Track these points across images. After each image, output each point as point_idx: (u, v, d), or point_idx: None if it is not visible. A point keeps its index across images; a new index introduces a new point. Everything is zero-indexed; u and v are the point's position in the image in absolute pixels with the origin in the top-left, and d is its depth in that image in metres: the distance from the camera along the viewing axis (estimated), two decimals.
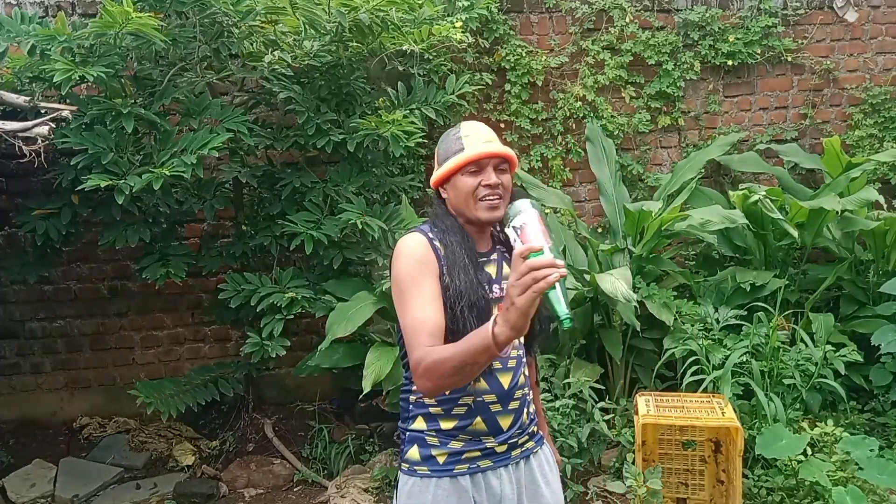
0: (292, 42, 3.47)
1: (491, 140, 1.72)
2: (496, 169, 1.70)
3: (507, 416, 1.74)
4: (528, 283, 1.31)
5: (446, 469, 1.70)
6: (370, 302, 3.44)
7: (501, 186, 1.69)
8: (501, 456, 1.74)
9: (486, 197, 1.68)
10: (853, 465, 2.92)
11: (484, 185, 1.67)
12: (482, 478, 1.72)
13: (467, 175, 1.69)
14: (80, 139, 3.07)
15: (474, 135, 1.72)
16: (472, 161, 1.68)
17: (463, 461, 1.71)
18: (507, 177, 1.72)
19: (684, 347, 3.47)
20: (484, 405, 1.70)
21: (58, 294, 4.20)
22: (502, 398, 1.72)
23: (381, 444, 3.80)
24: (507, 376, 1.73)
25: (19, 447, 4.02)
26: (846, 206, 3.81)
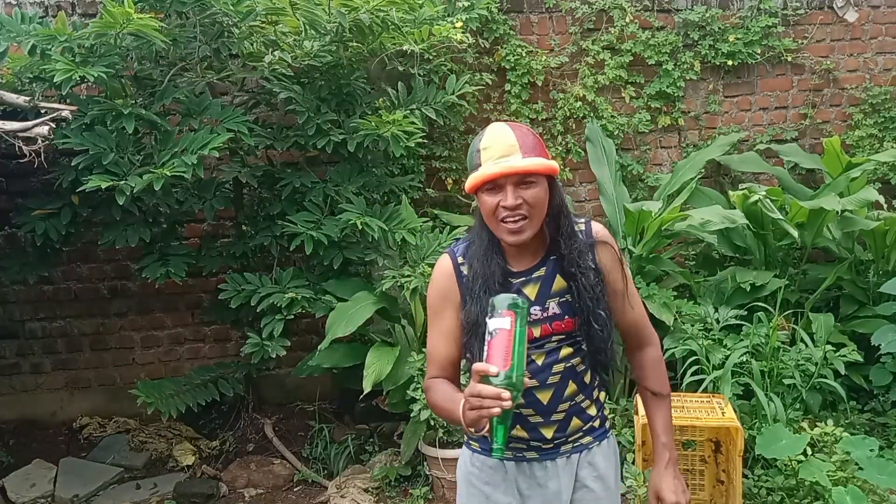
0: (292, 42, 3.47)
1: (508, 154, 1.54)
2: (519, 185, 1.54)
3: (550, 426, 1.69)
4: (474, 404, 1.40)
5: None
6: (370, 302, 3.44)
7: (526, 205, 1.54)
8: (548, 450, 1.71)
9: (506, 219, 1.55)
10: (853, 465, 2.91)
11: (502, 206, 1.54)
12: (528, 466, 1.73)
13: (486, 194, 1.57)
14: (80, 139, 3.07)
15: (492, 147, 1.56)
16: (486, 182, 1.56)
17: (510, 449, 1.71)
18: (532, 191, 1.55)
19: (684, 347, 3.47)
20: (522, 417, 1.69)
21: (58, 294, 4.20)
22: (543, 413, 1.68)
23: (381, 444, 3.80)
24: (546, 393, 1.67)
25: (19, 447, 4.01)
26: (846, 206, 3.80)
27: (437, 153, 4.31)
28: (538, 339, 1.65)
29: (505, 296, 1.48)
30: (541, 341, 1.65)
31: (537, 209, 1.57)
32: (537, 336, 1.65)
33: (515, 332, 1.43)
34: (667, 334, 3.63)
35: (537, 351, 1.66)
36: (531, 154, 1.55)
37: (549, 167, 1.57)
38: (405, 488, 3.47)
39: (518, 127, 1.61)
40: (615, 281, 1.71)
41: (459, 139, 4.37)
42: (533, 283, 1.66)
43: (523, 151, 1.54)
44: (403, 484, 3.51)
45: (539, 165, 1.55)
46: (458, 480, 1.84)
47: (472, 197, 4.27)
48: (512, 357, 1.41)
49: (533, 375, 1.64)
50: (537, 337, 1.65)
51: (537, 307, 1.65)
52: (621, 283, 1.72)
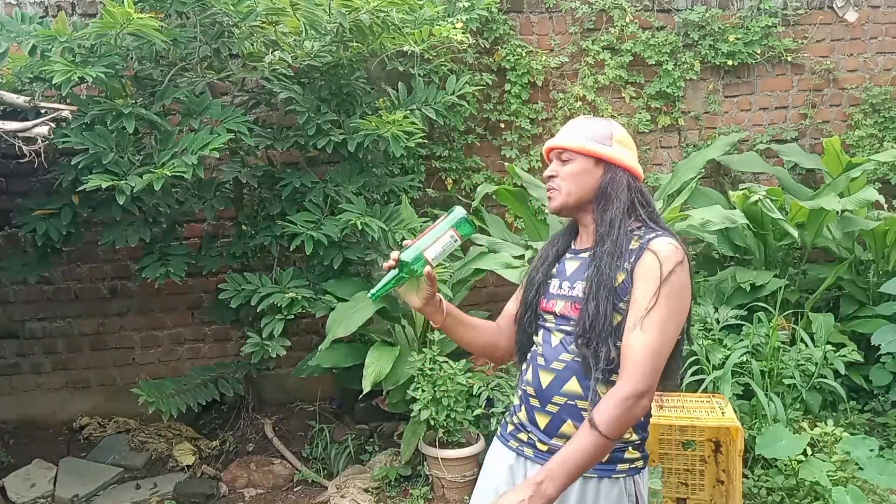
0: (293, 42, 3.47)
1: (563, 133, 1.74)
2: (558, 160, 1.72)
3: (544, 415, 1.68)
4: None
5: (506, 438, 1.80)
6: (370, 302, 3.44)
7: (559, 177, 1.71)
8: (542, 454, 1.67)
9: (548, 189, 1.74)
10: (853, 465, 2.92)
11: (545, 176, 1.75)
12: (524, 462, 1.74)
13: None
14: (80, 139, 3.06)
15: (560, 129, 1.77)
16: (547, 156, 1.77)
17: (516, 439, 1.76)
18: (567, 168, 1.70)
19: (684, 347, 3.47)
20: (527, 396, 1.74)
21: (58, 294, 4.20)
22: (540, 395, 1.69)
23: (381, 444, 3.80)
24: (548, 375, 1.67)
25: (19, 447, 4.01)
26: (846, 206, 3.81)
27: (438, 153, 4.31)
28: (559, 316, 1.70)
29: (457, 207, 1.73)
30: (561, 321, 1.70)
31: (568, 183, 1.69)
32: (558, 312, 1.70)
33: (436, 227, 1.69)
34: None
35: (556, 331, 1.70)
36: (577, 137, 1.70)
37: (583, 147, 1.68)
38: (405, 488, 3.47)
39: (592, 118, 1.77)
40: (640, 293, 1.56)
41: (459, 139, 4.37)
42: (576, 260, 1.74)
43: (569, 133, 1.72)
44: (403, 484, 3.51)
45: (571, 144, 1.69)
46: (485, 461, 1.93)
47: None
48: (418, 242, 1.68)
49: (544, 354, 1.71)
50: (558, 313, 1.70)
51: (567, 283, 1.71)
52: (646, 299, 1.54)
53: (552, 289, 1.74)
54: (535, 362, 1.72)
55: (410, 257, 1.66)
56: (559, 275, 1.75)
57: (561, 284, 1.72)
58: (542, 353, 1.71)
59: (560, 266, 1.76)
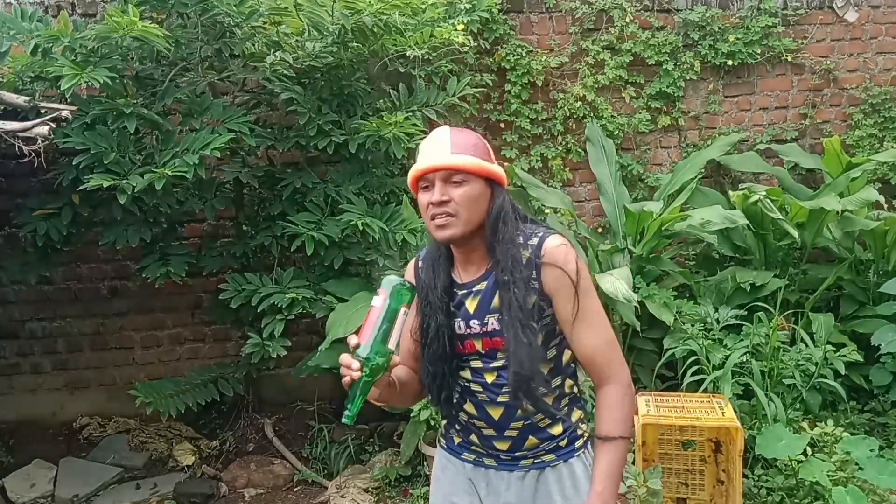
0: (294, 43, 3.47)
1: (437, 150, 1.53)
2: (447, 182, 1.52)
3: (503, 440, 1.67)
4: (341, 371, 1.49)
5: (457, 451, 1.76)
6: (370, 302, 3.43)
7: (453, 202, 1.51)
8: (507, 462, 1.68)
9: (434, 216, 1.53)
10: (853, 465, 2.92)
11: (429, 202, 1.53)
12: (485, 473, 1.72)
13: (421, 192, 1.58)
14: (81, 139, 3.07)
15: (428, 149, 1.56)
16: (418, 177, 1.56)
17: (471, 451, 1.73)
18: (462, 190, 1.52)
19: (684, 347, 3.47)
20: (476, 427, 1.69)
21: (58, 294, 4.20)
22: (494, 426, 1.66)
23: (381, 444, 3.80)
24: (496, 410, 1.64)
25: (19, 447, 4.01)
26: (846, 206, 3.81)
27: None
28: (483, 353, 1.63)
29: (390, 277, 1.56)
30: (486, 358, 1.63)
31: (465, 208, 1.52)
32: (481, 349, 1.63)
33: (384, 310, 1.50)
34: (667, 334, 3.63)
35: (487, 369, 1.63)
36: (463, 152, 1.53)
37: (479, 167, 1.53)
38: (405, 488, 3.47)
39: (460, 130, 1.59)
40: (562, 307, 1.57)
41: None
42: (473, 296, 1.62)
43: (453, 150, 1.53)
44: (403, 484, 3.51)
45: (465, 163, 1.52)
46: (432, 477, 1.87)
47: None
48: (372, 332, 1.49)
49: (484, 391, 1.64)
50: (482, 351, 1.63)
51: (476, 321, 1.61)
52: (572, 306, 1.55)
53: (459, 329, 1.62)
54: (476, 399, 1.65)
55: (375, 355, 1.48)
56: (461, 315, 1.62)
57: (469, 324, 1.61)
58: (480, 391, 1.64)
59: (456, 304, 1.62)
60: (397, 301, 1.52)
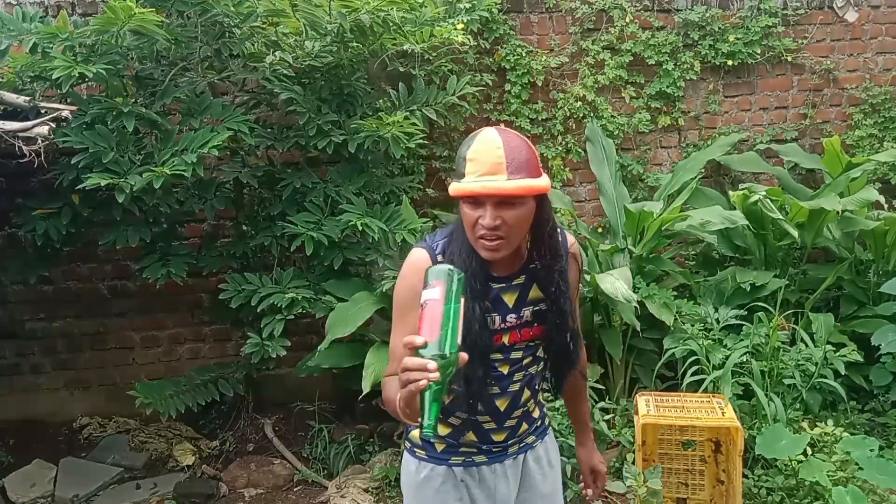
0: (293, 43, 3.47)
1: (495, 172, 1.44)
2: (500, 205, 1.46)
3: (501, 432, 1.73)
4: (403, 380, 1.29)
5: (442, 458, 1.75)
6: (370, 302, 3.44)
7: (505, 225, 1.47)
8: (497, 454, 1.76)
9: (483, 237, 1.49)
10: (853, 465, 2.92)
11: (480, 223, 1.48)
12: (476, 471, 1.75)
13: (467, 206, 1.50)
14: (80, 138, 3.07)
15: (479, 160, 1.46)
16: (466, 196, 1.49)
17: (459, 454, 1.74)
18: (515, 212, 1.47)
19: (684, 347, 3.47)
20: (477, 423, 1.71)
21: (58, 294, 4.20)
22: (497, 419, 1.71)
23: (381, 444, 3.80)
24: (504, 400, 1.69)
25: (19, 447, 4.01)
26: (846, 206, 3.81)
27: (438, 153, 4.31)
28: (507, 346, 1.65)
29: (439, 266, 1.40)
30: (508, 350, 1.65)
31: (516, 230, 1.50)
32: (506, 343, 1.64)
33: (446, 303, 1.34)
34: (667, 334, 3.63)
35: (504, 360, 1.66)
36: (519, 174, 1.45)
37: (535, 188, 1.48)
38: None
39: (511, 139, 1.49)
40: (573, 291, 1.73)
41: (459, 139, 4.35)
42: (512, 290, 1.63)
43: (510, 171, 1.45)
44: None
45: (524, 188, 1.46)
46: (405, 490, 1.80)
47: None
48: (441, 327, 1.31)
49: (496, 383, 1.65)
50: (506, 344, 1.64)
51: (513, 315, 1.63)
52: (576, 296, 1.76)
53: (491, 325, 1.61)
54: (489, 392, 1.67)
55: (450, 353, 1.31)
56: (496, 310, 1.61)
57: (505, 318, 1.62)
58: (492, 384, 1.66)
59: (493, 298, 1.61)
60: (459, 290, 1.36)
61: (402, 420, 1.45)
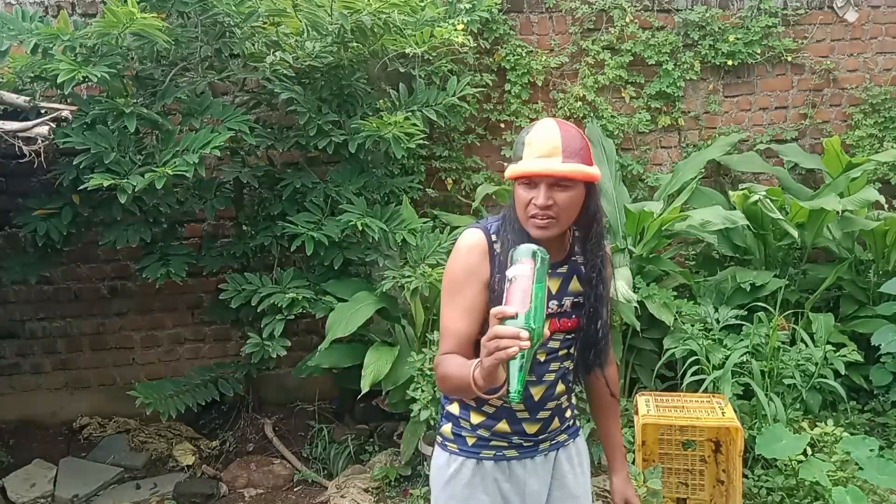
0: (294, 43, 3.47)
1: (550, 154, 1.54)
2: (554, 186, 1.55)
3: (534, 423, 1.74)
4: (491, 348, 1.33)
5: (473, 451, 1.75)
6: (370, 302, 3.44)
7: (556, 206, 1.56)
8: (528, 449, 1.76)
9: (535, 216, 1.57)
10: (853, 465, 2.92)
11: (534, 203, 1.57)
12: (507, 465, 1.75)
13: (522, 187, 1.59)
14: (81, 138, 3.07)
15: (536, 143, 1.56)
16: (523, 176, 1.58)
17: (490, 447, 1.75)
18: (566, 195, 1.56)
19: (684, 347, 3.47)
20: (510, 412, 1.72)
21: (58, 294, 4.20)
22: (531, 408, 1.72)
23: (381, 444, 3.80)
24: (539, 388, 1.71)
25: (19, 447, 4.01)
26: (846, 206, 3.81)
27: (438, 153, 4.31)
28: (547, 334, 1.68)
29: (526, 245, 1.45)
30: (547, 339, 1.67)
31: (566, 212, 1.59)
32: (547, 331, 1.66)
33: (535, 276, 1.39)
34: (667, 334, 3.63)
35: (542, 347, 1.68)
36: (573, 159, 1.55)
37: (587, 174, 1.57)
38: (405, 488, 3.47)
39: (568, 128, 1.59)
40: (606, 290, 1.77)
41: (459, 139, 4.37)
42: (556, 277, 1.69)
43: (565, 155, 1.55)
44: (403, 484, 3.51)
45: (577, 172, 1.55)
46: (433, 484, 1.81)
47: (471, 197, 4.29)
48: (531, 300, 1.36)
49: (533, 370, 1.66)
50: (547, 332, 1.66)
51: (555, 301, 1.68)
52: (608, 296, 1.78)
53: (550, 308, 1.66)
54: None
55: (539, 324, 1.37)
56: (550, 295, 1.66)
57: (548, 304, 1.61)
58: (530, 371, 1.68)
59: None
60: (544, 269, 1.42)
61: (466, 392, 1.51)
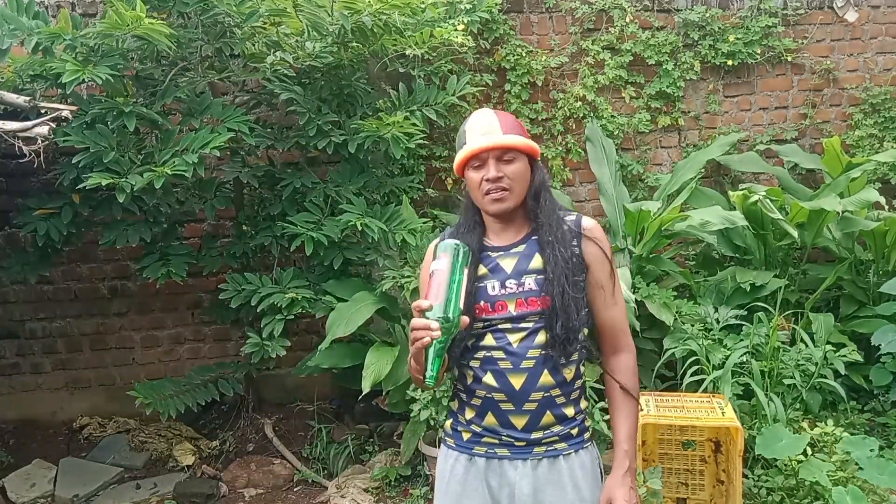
0: (294, 43, 3.47)
1: (489, 131, 1.68)
2: (500, 160, 1.67)
3: (521, 415, 1.70)
4: (411, 338, 1.52)
5: (466, 447, 1.77)
6: (370, 302, 3.44)
7: (507, 177, 1.67)
8: (521, 449, 1.72)
9: (489, 191, 1.67)
10: (853, 465, 2.92)
11: (485, 179, 1.68)
12: (498, 464, 1.74)
13: (472, 170, 1.71)
14: (81, 138, 3.07)
15: (475, 127, 1.70)
16: (471, 157, 1.69)
17: (482, 444, 1.75)
18: (513, 167, 1.68)
19: (684, 347, 3.47)
20: (493, 402, 1.71)
21: (58, 294, 4.20)
22: (514, 398, 1.69)
23: (381, 444, 3.80)
24: (518, 377, 1.67)
25: (19, 447, 4.01)
26: (846, 206, 3.81)
27: (438, 153, 4.31)
28: (514, 316, 1.68)
29: (446, 241, 1.62)
30: (517, 320, 1.68)
31: (517, 182, 1.68)
32: (513, 312, 1.68)
33: (450, 271, 1.55)
34: (667, 334, 3.63)
35: (514, 331, 1.68)
36: (511, 132, 1.69)
37: (528, 145, 1.70)
38: (405, 488, 3.47)
39: (502, 112, 1.75)
40: (600, 276, 1.75)
41: None
42: (511, 256, 1.72)
43: (504, 129, 1.69)
44: (403, 484, 3.51)
45: (519, 142, 1.68)
46: (436, 478, 1.86)
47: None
48: (446, 292, 1.52)
49: (507, 357, 1.68)
50: (513, 314, 1.68)
51: (512, 280, 1.69)
52: (607, 280, 1.76)
53: (493, 291, 1.69)
54: (496, 367, 1.68)
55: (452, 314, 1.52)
56: (494, 275, 1.70)
57: (504, 283, 1.69)
58: (503, 357, 1.68)
59: (491, 266, 1.72)
60: (462, 261, 1.58)
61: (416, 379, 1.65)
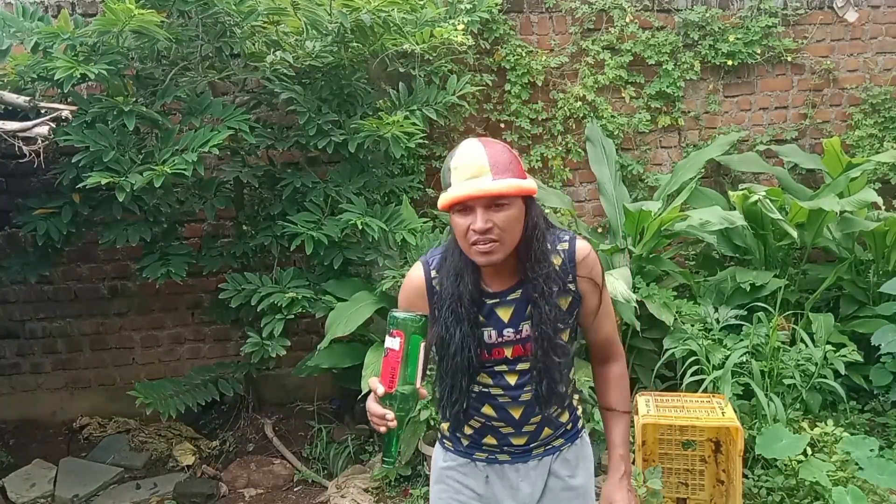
0: (294, 42, 3.47)
1: (478, 175, 1.46)
2: (489, 208, 1.47)
3: (521, 436, 1.72)
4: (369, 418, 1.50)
5: (467, 452, 1.76)
6: (370, 302, 3.44)
7: (497, 228, 1.48)
8: (521, 454, 1.74)
9: (476, 242, 1.49)
10: (853, 465, 2.92)
11: (472, 229, 1.48)
12: (500, 467, 1.75)
13: (457, 215, 1.52)
14: (81, 137, 3.07)
15: (462, 167, 1.49)
16: (455, 203, 1.50)
17: (483, 450, 1.75)
18: (504, 214, 1.48)
19: (684, 347, 3.47)
20: (494, 428, 1.71)
21: (58, 294, 4.20)
22: (514, 425, 1.70)
23: (381, 444, 3.80)
24: (518, 409, 1.67)
25: (19, 447, 4.01)
26: (846, 206, 3.81)
27: (438, 153, 4.31)
28: (511, 359, 1.65)
29: (399, 314, 1.48)
30: (513, 362, 1.65)
31: (509, 232, 1.50)
32: (510, 356, 1.64)
33: (406, 352, 1.46)
34: (667, 334, 3.63)
35: (511, 373, 1.66)
36: (503, 175, 1.47)
37: (521, 189, 1.50)
38: (405, 488, 3.47)
39: (492, 144, 1.53)
40: (593, 303, 1.68)
41: (459, 139, 4.33)
42: (507, 305, 1.62)
43: (494, 172, 1.47)
44: (403, 484, 3.50)
45: (510, 188, 1.48)
46: (431, 478, 1.85)
47: None
48: (399, 376, 1.47)
49: (505, 393, 1.66)
50: (510, 357, 1.64)
51: (510, 329, 1.62)
52: (597, 303, 1.69)
53: (489, 339, 1.62)
54: (496, 401, 1.67)
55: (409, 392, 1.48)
56: (492, 324, 1.62)
57: (502, 333, 1.62)
58: (502, 394, 1.67)
59: (486, 313, 1.62)
60: (417, 339, 1.47)
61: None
